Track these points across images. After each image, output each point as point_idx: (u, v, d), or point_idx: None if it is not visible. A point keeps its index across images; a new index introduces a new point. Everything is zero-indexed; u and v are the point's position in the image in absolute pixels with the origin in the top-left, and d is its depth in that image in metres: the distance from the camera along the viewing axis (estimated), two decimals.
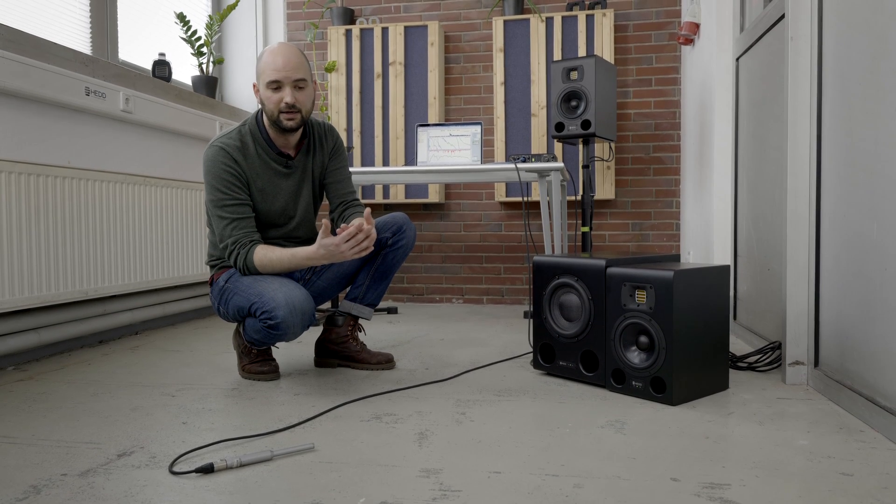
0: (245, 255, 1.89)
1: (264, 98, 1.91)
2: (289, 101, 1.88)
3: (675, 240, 3.70)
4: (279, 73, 1.87)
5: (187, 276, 3.08)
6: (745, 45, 2.63)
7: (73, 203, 2.41)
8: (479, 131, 3.14)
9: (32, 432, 1.53)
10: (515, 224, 3.84)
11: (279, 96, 1.89)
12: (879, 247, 1.52)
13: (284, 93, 1.88)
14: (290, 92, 1.88)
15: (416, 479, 1.24)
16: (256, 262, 1.88)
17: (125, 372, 2.14)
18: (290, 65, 1.87)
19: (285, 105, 1.88)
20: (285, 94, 1.88)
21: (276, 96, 1.89)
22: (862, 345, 1.62)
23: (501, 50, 3.65)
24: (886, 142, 1.49)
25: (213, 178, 1.91)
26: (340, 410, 1.70)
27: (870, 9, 1.57)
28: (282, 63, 1.87)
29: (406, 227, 2.09)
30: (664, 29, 3.66)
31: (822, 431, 1.51)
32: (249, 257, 1.88)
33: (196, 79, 3.52)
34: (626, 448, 1.41)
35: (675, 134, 3.67)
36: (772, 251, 2.32)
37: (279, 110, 1.90)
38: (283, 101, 1.88)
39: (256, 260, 1.88)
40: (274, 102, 1.90)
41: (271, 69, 1.87)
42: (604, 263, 1.87)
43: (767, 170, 2.36)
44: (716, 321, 1.83)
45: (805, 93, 1.90)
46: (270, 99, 1.90)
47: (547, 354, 2.05)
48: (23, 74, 2.23)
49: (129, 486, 1.22)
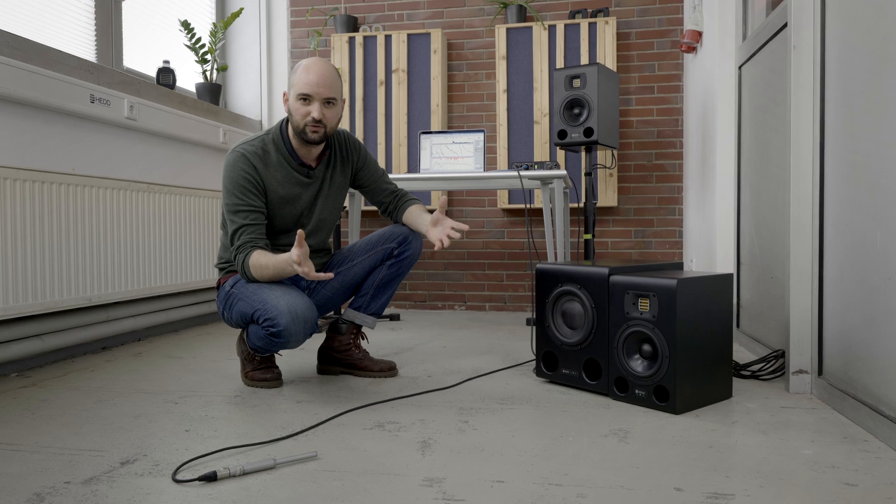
0: (244, 257, 1.90)
1: (293, 108, 1.95)
2: (315, 116, 1.92)
3: (677, 247, 3.70)
4: (311, 87, 1.91)
5: (191, 283, 3.09)
6: (747, 53, 2.63)
7: (77, 210, 2.42)
8: (481, 139, 3.15)
9: (36, 439, 1.53)
10: (518, 231, 3.85)
11: (307, 109, 1.93)
12: (883, 255, 1.52)
13: (313, 107, 1.92)
14: (318, 108, 1.92)
15: (419, 488, 1.24)
16: (251, 264, 1.89)
17: (128, 379, 2.15)
18: (323, 82, 1.92)
19: (312, 119, 1.93)
20: (313, 108, 1.92)
21: (304, 109, 1.93)
22: (866, 353, 1.61)
23: (504, 57, 3.66)
24: (890, 148, 1.49)
25: (231, 182, 1.93)
26: (343, 418, 1.70)
27: (873, 17, 1.58)
28: (315, 79, 1.91)
29: (412, 237, 2.11)
30: (667, 37, 3.67)
31: (826, 441, 1.50)
32: (247, 261, 1.89)
33: (200, 86, 3.53)
34: (630, 457, 1.40)
35: (677, 141, 3.68)
36: (775, 259, 2.32)
37: (305, 123, 1.93)
38: (310, 115, 1.92)
39: (251, 262, 1.89)
40: (301, 115, 1.93)
41: (304, 83, 1.92)
42: (607, 271, 1.87)
43: (770, 177, 2.36)
44: (719, 329, 1.83)
45: (808, 100, 1.91)
46: (299, 111, 1.93)
47: (550, 362, 2.04)
48: (28, 82, 2.24)
49: (133, 494, 1.22)
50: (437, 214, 1.99)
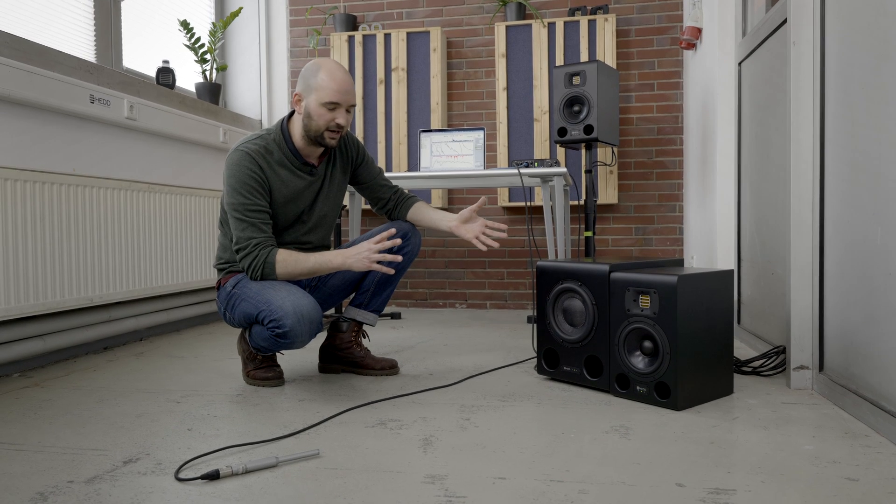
0: (265, 256, 1.89)
1: (315, 113, 1.94)
2: (341, 122, 1.95)
3: (678, 244, 3.70)
4: (340, 96, 1.93)
5: (192, 283, 3.09)
6: (747, 50, 2.63)
7: (78, 210, 2.42)
8: (481, 137, 3.15)
9: (38, 439, 1.54)
10: (519, 229, 3.85)
11: (332, 116, 1.94)
12: (883, 251, 1.52)
13: (338, 114, 1.94)
14: (343, 114, 1.95)
15: (421, 486, 1.24)
16: (278, 260, 1.89)
17: (130, 378, 2.15)
18: (349, 89, 1.95)
19: (336, 125, 1.94)
20: (339, 115, 1.94)
21: (329, 115, 1.94)
22: (866, 349, 1.61)
23: (504, 55, 3.66)
24: (890, 145, 1.49)
25: (237, 181, 1.92)
26: (345, 416, 1.70)
27: (872, 13, 1.57)
28: (343, 87, 1.93)
29: (411, 233, 2.11)
30: (666, 34, 3.67)
31: (828, 436, 1.51)
32: (270, 259, 1.89)
33: (199, 86, 3.53)
34: (631, 453, 1.41)
35: (677, 138, 3.68)
36: (775, 255, 2.32)
37: (328, 128, 1.95)
38: (334, 121, 1.94)
39: (279, 259, 1.89)
40: (326, 120, 1.94)
41: (333, 90, 1.92)
42: (607, 268, 1.87)
43: (771, 174, 2.36)
44: (720, 326, 1.83)
45: (808, 97, 1.91)
46: (323, 116, 1.93)
47: (551, 359, 2.05)
48: (28, 83, 2.24)
49: (136, 493, 1.22)
50: (469, 212, 2.03)
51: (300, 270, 1.90)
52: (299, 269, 1.89)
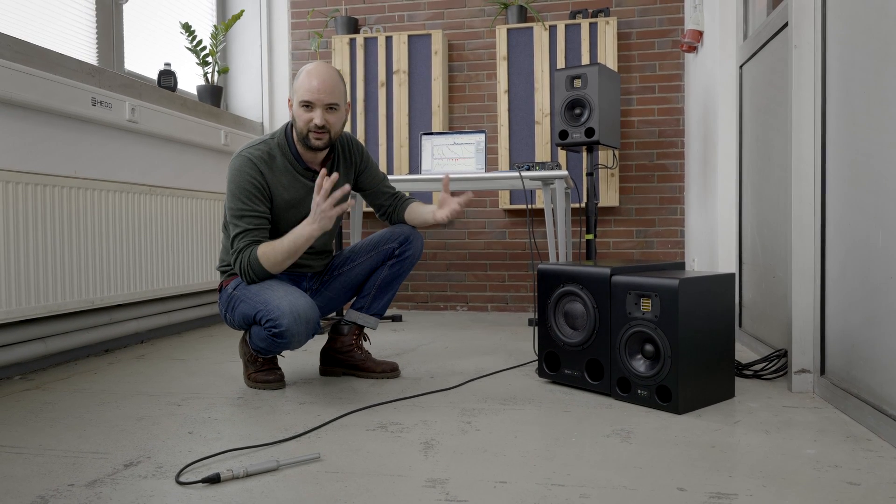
0: (248, 254, 1.89)
1: (296, 115, 1.96)
2: (318, 122, 1.93)
3: (679, 247, 3.70)
4: (312, 94, 1.92)
5: (193, 285, 3.09)
6: (748, 53, 2.63)
7: (80, 213, 2.43)
8: (483, 139, 3.15)
9: (39, 442, 1.54)
10: (520, 232, 3.85)
11: (309, 116, 1.93)
12: (885, 254, 1.52)
13: (315, 114, 1.93)
14: (320, 114, 1.93)
15: (422, 489, 1.24)
16: (259, 254, 1.89)
17: (131, 381, 2.15)
18: (324, 88, 1.92)
19: (314, 125, 1.93)
20: (315, 115, 1.93)
21: (306, 115, 1.94)
22: (868, 352, 1.61)
23: (505, 58, 3.66)
24: (891, 147, 1.49)
25: (237, 187, 1.93)
26: (346, 420, 1.70)
27: (874, 16, 1.57)
28: (317, 85, 1.92)
29: (413, 237, 2.11)
30: (667, 36, 3.67)
31: (829, 440, 1.50)
32: (253, 255, 1.89)
33: (201, 88, 3.54)
34: (632, 457, 1.41)
35: (678, 141, 3.68)
36: (777, 258, 2.32)
37: (308, 129, 1.94)
38: (312, 122, 1.93)
39: (259, 252, 1.89)
40: (304, 121, 1.94)
41: (306, 89, 1.92)
42: (609, 271, 1.87)
43: (772, 176, 2.36)
44: (721, 329, 1.83)
45: (809, 99, 1.91)
46: (301, 117, 1.94)
47: (552, 363, 2.04)
48: (30, 85, 2.25)
49: (136, 496, 1.22)
50: (443, 195, 2.01)
51: (281, 253, 1.88)
52: (279, 252, 1.88)
